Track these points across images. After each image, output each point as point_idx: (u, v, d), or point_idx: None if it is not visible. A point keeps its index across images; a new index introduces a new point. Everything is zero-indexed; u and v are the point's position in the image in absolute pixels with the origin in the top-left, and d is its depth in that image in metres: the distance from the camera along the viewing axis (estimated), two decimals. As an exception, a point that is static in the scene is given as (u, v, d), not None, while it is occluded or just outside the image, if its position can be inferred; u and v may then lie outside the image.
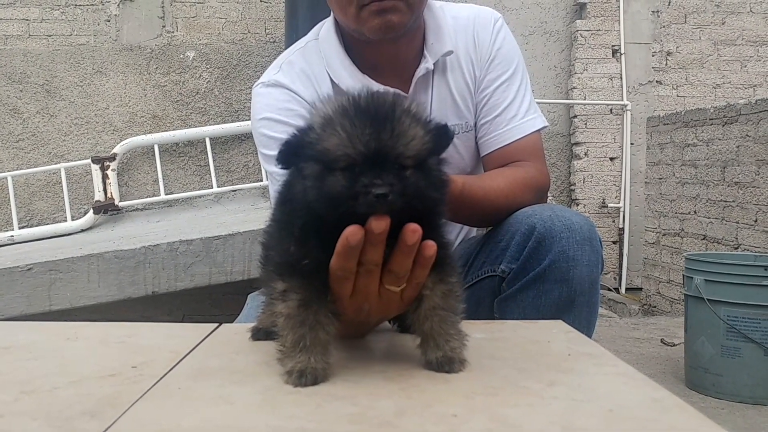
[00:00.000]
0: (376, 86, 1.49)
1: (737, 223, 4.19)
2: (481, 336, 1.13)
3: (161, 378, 0.89)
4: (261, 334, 1.08)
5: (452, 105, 1.58)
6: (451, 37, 1.56)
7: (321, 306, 0.89)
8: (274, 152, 1.48)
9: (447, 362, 0.90)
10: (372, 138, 0.82)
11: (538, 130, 1.61)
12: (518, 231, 1.42)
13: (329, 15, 1.60)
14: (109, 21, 5.25)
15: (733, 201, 4.23)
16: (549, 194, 2.44)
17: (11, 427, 0.72)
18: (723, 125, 4.35)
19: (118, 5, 5.24)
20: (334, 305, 0.91)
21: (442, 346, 0.91)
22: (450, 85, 1.57)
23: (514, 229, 1.43)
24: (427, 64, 1.53)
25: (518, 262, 1.42)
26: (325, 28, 1.59)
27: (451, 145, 0.93)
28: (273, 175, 1.47)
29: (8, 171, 4.82)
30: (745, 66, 5.89)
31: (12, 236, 4.36)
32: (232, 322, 1.32)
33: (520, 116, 1.58)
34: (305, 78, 1.54)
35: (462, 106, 1.58)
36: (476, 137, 1.61)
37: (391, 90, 1.31)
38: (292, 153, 0.88)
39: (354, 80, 1.51)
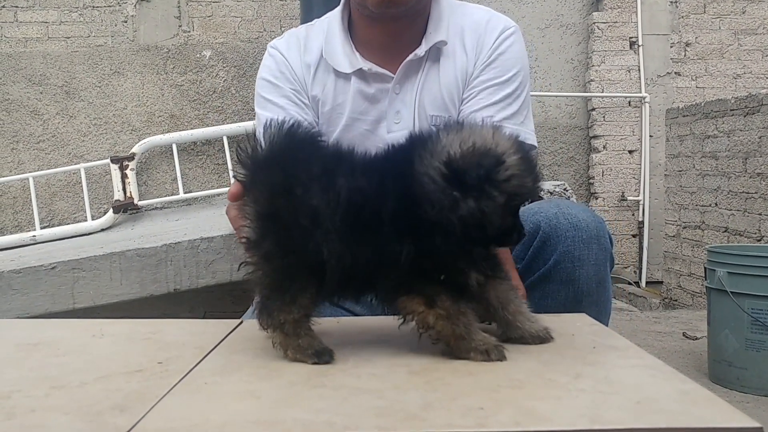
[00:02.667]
0: (362, 64, 1.54)
1: (760, 214, 4.12)
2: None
3: (187, 373, 0.90)
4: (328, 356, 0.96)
5: (438, 96, 1.57)
6: (448, 29, 1.56)
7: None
8: (264, 112, 1.58)
9: (546, 332, 1.02)
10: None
11: None
12: None
13: None
14: (126, 22, 5.29)
15: (756, 192, 4.17)
16: (569, 188, 2.42)
17: (44, 421, 0.73)
18: (744, 116, 4.28)
19: (135, 6, 5.28)
20: None
21: (533, 319, 1.03)
22: (439, 76, 1.57)
23: None
24: (419, 50, 1.54)
25: (523, 262, 1.39)
26: (338, 7, 1.65)
27: None
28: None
29: (30, 172, 4.88)
30: (767, 55, 5.80)
31: (34, 236, 4.41)
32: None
33: (495, 119, 1.49)
34: (297, 46, 1.64)
35: (447, 99, 1.56)
36: None
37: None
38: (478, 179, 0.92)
39: (344, 55, 1.56)
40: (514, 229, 0.98)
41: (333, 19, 1.63)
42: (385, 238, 0.93)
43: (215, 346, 1.05)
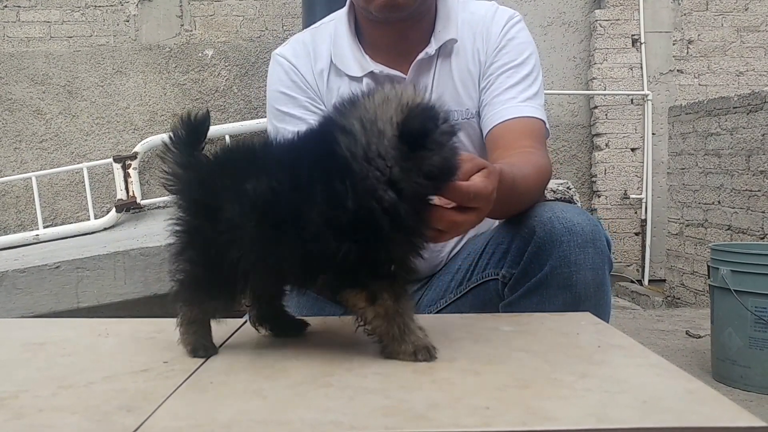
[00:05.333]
0: (372, 66, 1.55)
1: (763, 212, 4.12)
2: (509, 329, 1.12)
3: (193, 373, 0.90)
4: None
5: (453, 91, 1.57)
6: (458, 27, 1.58)
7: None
8: (284, 125, 1.58)
9: (420, 350, 0.96)
10: None
11: (539, 119, 1.54)
12: (518, 234, 1.38)
13: None
14: (128, 21, 5.29)
15: (759, 190, 4.17)
16: (572, 186, 2.43)
17: (51, 421, 0.73)
18: (747, 113, 4.28)
19: (137, 5, 5.29)
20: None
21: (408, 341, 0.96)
22: (452, 72, 1.57)
23: (515, 231, 1.39)
24: (429, 48, 1.55)
25: (519, 267, 1.38)
26: (343, 8, 1.65)
27: None
28: None
29: (32, 171, 4.90)
30: (770, 52, 5.79)
31: (37, 235, 4.43)
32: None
33: (519, 99, 1.52)
34: (305, 54, 1.63)
35: (462, 94, 1.57)
36: (479, 123, 1.59)
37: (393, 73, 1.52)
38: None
39: (353, 59, 1.57)
40: (456, 161, 0.98)
41: (339, 21, 1.63)
42: (317, 237, 0.91)
43: (220, 346, 1.05)
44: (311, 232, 0.91)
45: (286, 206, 0.92)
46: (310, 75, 1.61)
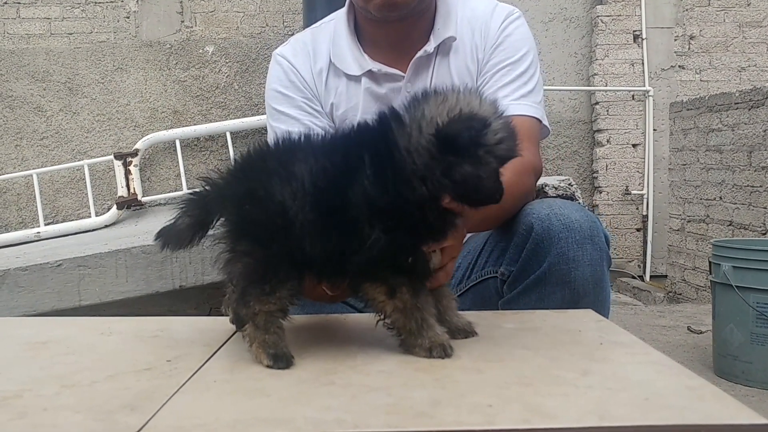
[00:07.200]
0: (371, 65, 1.55)
1: (765, 208, 4.12)
2: (511, 326, 1.13)
3: (196, 371, 0.91)
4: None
5: None
6: (457, 25, 1.57)
7: None
8: (278, 124, 1.58)
9: (470, 326, 1.07)
10: None
11: (532, 117, 1.53)
12: (516, 231, 1.38)
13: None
14: (128, 18, 5.29)
15: (761, 186, 4.16)
16: (573, 183, 2.42)
17: (55, 420, 0.73)
18: (749, 109, 4.27)
19: (137, 2, 5.28)
20: None
21: (459, 315, 1.09)
22: (451, 69, 1.58)
23: (513, 229, 1.40)
24: (428, 46, 1.55)
25: (517, 265, 1.38)
26: (342, 8, 1.65)
27: None
28: None
29: (33, 168, 4.90)
30: (771, 48, 5.77)
31: (38, 233, 4.43)
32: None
33: (512, 98, 1.52)
34: (305, 54, 1.63)
35: None
36: None
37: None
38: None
39: (352, 58, 1.57)
40: (498, 190, 1.00)
41: (339, 21, 1.63)
42: (353, 221, 0.93)
43: (223, 344, 1.05)
44: (352, 214, 0.93)
45: (335, 187, 0.94)
46: (309, 75, 1.61)
